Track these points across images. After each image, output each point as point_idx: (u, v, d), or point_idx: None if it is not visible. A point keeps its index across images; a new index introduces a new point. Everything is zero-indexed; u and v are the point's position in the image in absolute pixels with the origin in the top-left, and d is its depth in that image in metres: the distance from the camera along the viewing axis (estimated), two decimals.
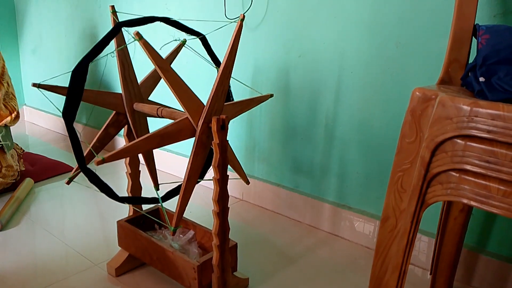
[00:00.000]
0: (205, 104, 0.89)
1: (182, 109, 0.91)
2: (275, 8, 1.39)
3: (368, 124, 1.25)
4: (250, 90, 1.46)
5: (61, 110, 0.86)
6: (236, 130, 1.58)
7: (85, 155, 0.94)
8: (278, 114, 1.45)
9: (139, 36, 0.78)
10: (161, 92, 1.20)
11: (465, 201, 0.66)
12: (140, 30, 0.83)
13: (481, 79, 0.73)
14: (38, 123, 2.60)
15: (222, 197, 0.92)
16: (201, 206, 1.54)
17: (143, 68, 1.19)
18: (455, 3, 0.85)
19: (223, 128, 0.87)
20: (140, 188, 1.14)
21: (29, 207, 1.51)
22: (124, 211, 1.25)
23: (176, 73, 0.85)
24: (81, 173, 0.89)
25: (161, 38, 1.62)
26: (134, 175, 1.12)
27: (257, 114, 1.51)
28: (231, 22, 0.98)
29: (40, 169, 1.81)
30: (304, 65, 1.35)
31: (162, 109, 0.97)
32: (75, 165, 0.90)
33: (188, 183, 0.89)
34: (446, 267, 1.02)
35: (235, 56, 0.90)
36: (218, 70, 0.89)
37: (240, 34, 0.90)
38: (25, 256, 1.22)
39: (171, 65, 1.04)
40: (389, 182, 0.74)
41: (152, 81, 1.09)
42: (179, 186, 1.04)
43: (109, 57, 0.98)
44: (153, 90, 1.09)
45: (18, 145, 1.76)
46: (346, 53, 1.26)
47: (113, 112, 1.04)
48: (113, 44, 0.99)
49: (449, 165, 0.66)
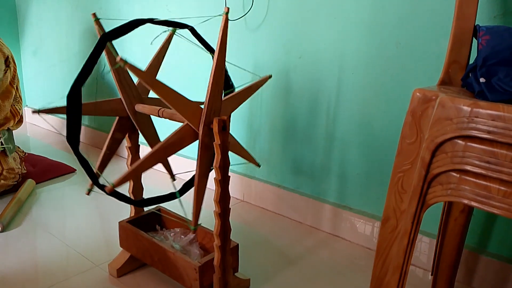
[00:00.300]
0: (203, 106, 0.89)
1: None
2: (276, 9, 1.39)
3: (369, 125, 1.25)
4: (250, 75, 1.45)
5: (65, 136, 0.87)
6: (237, 131, 1.58)
7: (98, 165, 1.00)
8: (279, 115, 1.46)
9: (124, 61, 0.77)
10: None
11: (466, 202, 0.66)
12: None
13: (482, 80, 0.73)
14: (39, 124, 2.60)
15: (224, 198, 0.92)
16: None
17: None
18: (456, 4, 0.85)
19: (224, 129, 0.88)
20: (142, 189, 1.14)
21: (31, 208, 1.51)
22: (125, 212, 1.25)
23: (165, 85, 0.84)
24: (82, 173, 0.89)
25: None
26: (136, 176, 1.13)
27: (258, 115, 1.51)
28: (217, 16, 0.97)
29: (42, 170, 1.81)
30: (305, 66, 1.35)
31: (163, 110, 0.97)
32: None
33: (200, 183, 0.91)
34: (447, 268, 1.02)
35: (225, 52, 0.89)
36: (211, 70, 0.89)
37: (227, 29, 0.89)
38: (26, 257, 1.22)
39: (165, 55, 1.08)
40: (390, 183, 0.74)
41: None
42: (193, 178, 1.03)
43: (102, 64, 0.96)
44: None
45: (20, 148, 1.76)
46: (346, 54, 1.26)
47: (116, 118, 1.04)
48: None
49: (450, 166, 0.66)
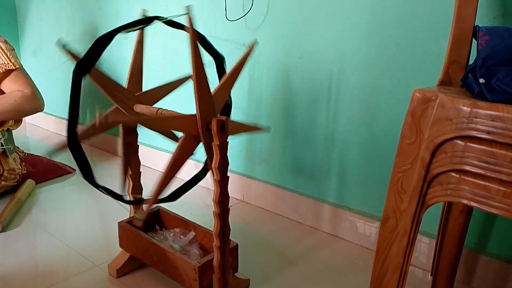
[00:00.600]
0: (196, 113, 0.89)
1: (180, 110, 0.91)
2: (276, 9, 1.39)
3: (368, 125, 1.26)
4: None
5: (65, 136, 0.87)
6: None
7: (122, 173, 1.01)
8: (278, 115, 1.46)
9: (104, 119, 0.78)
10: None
11: (465, 202, 0.66)
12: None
13: (481, 80, 0.73)
14: (39, 125, 2.60)
15: (223, 198, 0.92)
16: (202, 207, 1.55)
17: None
18: (455, 4, 0.85)
19: (223, 129, 0.88)
20: (141, 189, 1.14)
21: (30, 209, 1.51)
22: (124, 212, 1.25)
23: (152, 117, 0.88)
24: (81, 173, 0.89)
25: (162, 30, 1.63)
26: (135, 177, 1.13)
27: (258, 115, 1.51)
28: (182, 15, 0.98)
29: (41, 171, 1.81)
30: (304, 66, 1.36)
31: (162, 111, 0.97)
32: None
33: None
34: (447, 268, 1.02)
35: (202, 64, 0.87)
36: (194, 86, 0.87)
37: (196, 37, 0.87)
38: (26, 257, 1.22)
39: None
40: (390, 183, 0.74)
41: (137, 76, 1.08)
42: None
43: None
44: (142, 83, 1.09)
45: (20, 149, 1.76)
46: (346, 54, 1.26)
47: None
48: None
49: (449, 166, 0.67)
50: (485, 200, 0.64)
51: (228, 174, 0.92)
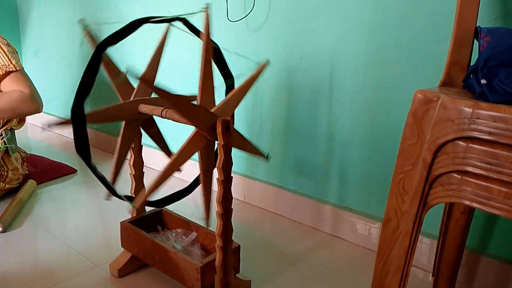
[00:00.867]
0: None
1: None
2: (277, 10, 1.39)
3: (370, 126, 1.26)
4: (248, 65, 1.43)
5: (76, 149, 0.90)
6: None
7: (113, 172, 1.04)
8: (280, 116, 1.46)
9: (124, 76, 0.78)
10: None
11: (467, 203, 0.66)
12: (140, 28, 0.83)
13: (483, 81, 0.73)
14: (40, 125, 2.60)
15: (226, 199, 0.92)
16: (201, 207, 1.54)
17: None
18: (457, 5, 0.85)
19: (228, 130, 0.88)
20: (144, 189, 1.14)
21: (32, 209, 1.52)
22: (125, 212, 1.25)
23: (179, 96, 0.87)
24: (82, 173, 0.90)
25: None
26: (138, 177, 1.13)
27: (258, 116, 1.51)
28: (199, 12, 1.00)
29: (43, 171, 1.81)
30: (305, 67, 1.36)
31: (167, 111, 0.97)
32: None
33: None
34: (448, 269, 1.02)
35: (210, 63, 0.90)
36: (199, 81, 0.89)
37: (209, 27, 0.90)
38: (27, 258, 1.22)
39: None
40: (391, 184, 0.74)
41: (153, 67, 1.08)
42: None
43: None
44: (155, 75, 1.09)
45: (22, 149, 1.76)
46: (347, 55, 1.26)
47: (123, 122, 1.05)
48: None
49: (451, 167, 0.67)
50: (487, 201, 0.64)
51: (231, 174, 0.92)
